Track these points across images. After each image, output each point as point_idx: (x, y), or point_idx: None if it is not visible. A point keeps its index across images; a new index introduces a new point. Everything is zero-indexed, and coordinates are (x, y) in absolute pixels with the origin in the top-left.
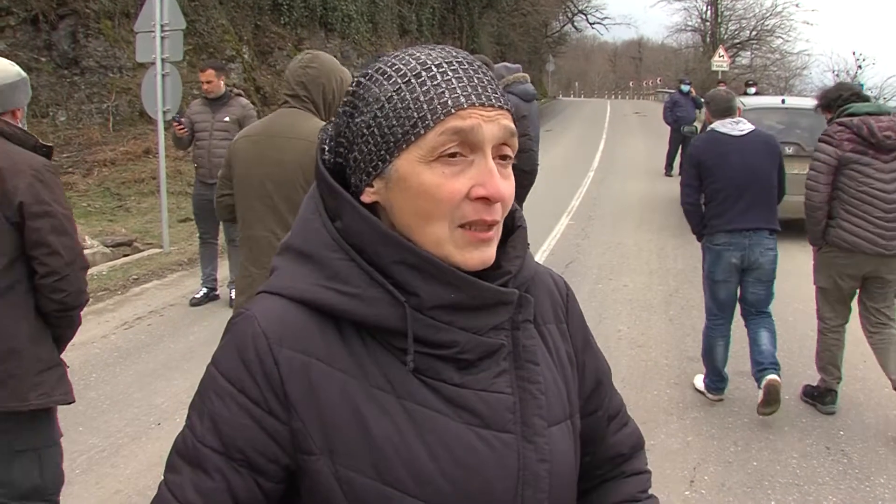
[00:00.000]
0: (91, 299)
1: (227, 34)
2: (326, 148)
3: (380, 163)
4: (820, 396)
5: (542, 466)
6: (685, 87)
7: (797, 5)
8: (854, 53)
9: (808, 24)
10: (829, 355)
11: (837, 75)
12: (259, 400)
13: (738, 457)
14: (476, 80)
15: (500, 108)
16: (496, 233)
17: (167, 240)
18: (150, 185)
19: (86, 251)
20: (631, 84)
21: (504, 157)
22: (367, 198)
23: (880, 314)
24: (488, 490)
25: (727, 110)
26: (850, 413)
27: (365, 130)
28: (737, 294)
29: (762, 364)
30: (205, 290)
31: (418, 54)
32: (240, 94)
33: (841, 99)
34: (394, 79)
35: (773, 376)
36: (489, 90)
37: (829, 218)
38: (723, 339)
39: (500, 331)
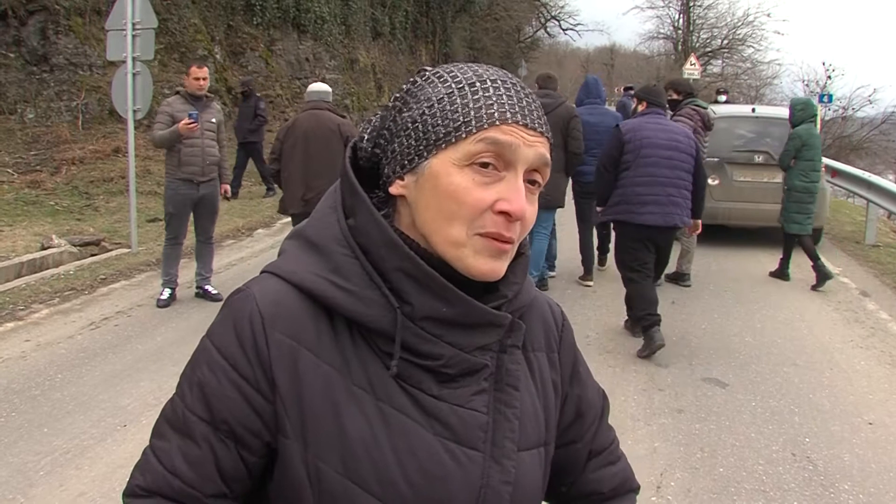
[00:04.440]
0: (57, 299)
1: (199, 34)
2: (367, 136)
3: (416, 157)
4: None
5: (505, 488)
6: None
7: (769, 15)
8: (824, 64)
9: (779, 33)
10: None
11: (807, 85)
12: (249, 376)
13: (704, 463)
14: (525, 103)
15: (542, 134)
16: (511, 251)
17: (135, 240)
18: (118, 184)
19: (53, 250)
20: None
21: (533, 183)
22: (395, 189)
23: None
24: (447, 502)
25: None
26: (816, 420)
27: (409, 125)
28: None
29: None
30: (169, 291)
31: (477, 68)
32: (209, 95)
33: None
34: (449, 83)
35: None
36: (534, 115)
37: None
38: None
39: (487, 351)
